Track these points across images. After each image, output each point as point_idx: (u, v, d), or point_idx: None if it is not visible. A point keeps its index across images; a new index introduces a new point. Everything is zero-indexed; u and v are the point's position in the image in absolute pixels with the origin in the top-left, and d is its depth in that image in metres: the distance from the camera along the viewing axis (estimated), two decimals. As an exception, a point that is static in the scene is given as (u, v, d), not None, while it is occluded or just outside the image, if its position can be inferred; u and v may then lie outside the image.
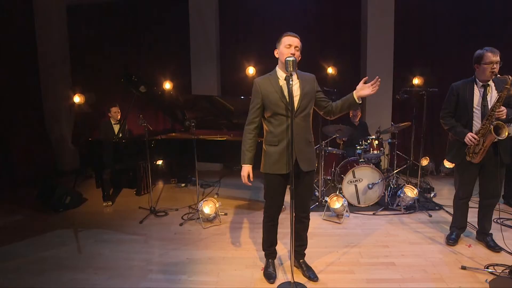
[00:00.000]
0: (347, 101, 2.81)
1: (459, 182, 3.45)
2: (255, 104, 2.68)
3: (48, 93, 6.09)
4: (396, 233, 3.80)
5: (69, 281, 2.91)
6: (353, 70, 6.62)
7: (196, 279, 2.95)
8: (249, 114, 2.73)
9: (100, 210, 4.64)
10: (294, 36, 2.62)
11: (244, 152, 2.72)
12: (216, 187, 5.51)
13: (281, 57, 2.61)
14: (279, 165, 2.69)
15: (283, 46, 2.60)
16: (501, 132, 3.02)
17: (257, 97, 2.66)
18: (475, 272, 2.94)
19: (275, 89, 2.63)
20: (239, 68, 6.36)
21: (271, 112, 2.65)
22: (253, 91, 2.69)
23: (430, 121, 5.95)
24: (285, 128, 2.64)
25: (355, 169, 4.46)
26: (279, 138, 2.66)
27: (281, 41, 2.63)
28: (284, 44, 2.59)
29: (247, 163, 2.72)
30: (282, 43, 2.61)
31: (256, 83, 2.68)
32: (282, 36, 2.64)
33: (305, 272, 2.94)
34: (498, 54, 3.09)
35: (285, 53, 2.58)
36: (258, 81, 2.69)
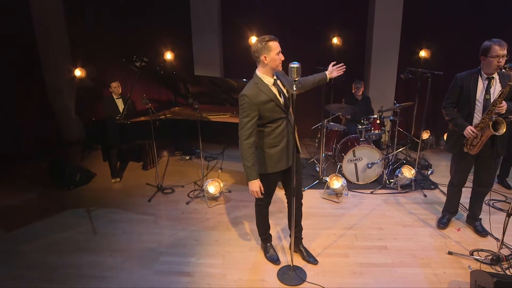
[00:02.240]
0: (318, 77, 3.15)
1: (454, 170, 3.58)
2: (251, 117, 2.57)
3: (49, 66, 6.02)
4: (391, 214, 4.02)
5: (88, 264, 3.19)
6: (360, 41, 6.44)
7: (204, 261, 3.21)
8: (244, 128, 2.59)
9: (109, 186, 4.85)
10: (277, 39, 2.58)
11: (251, 168, 2.65)
12: (220, 159, 5.69)
13: (272, 63, 2.57)
14: (282, 163, 2.81)
15: (274, 53, 2.53)
16: (500, 128, 3.08)
17: (253, 111, 2.56)
18: (460, 257, 3.20)
19: (269, 97, 2.61)
20: (241, 38, 6.19)
21: (268, 119, 2.66)
22: (245, 106, 2.55)
23: (433, 101, 5.95)
24: (283, 127, 2.72)
25: (355, 148, 4.58)
26: (279, 138, 2.74)
27: (269, 47, 2.51)
28: (275, 51, 2.54)
29: (256, 178, 2.69)
30: (273, 50, 2.52)
31: (247, 96, 2.54)
32: (266, 42, 2.51)
33: (305, 257, 3.19)
34: (505, 47, 3.04)
35: (277, 60, 2.56)
36: (249, 94, 2.55)
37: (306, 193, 4.55)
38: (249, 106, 2.55)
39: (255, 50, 2.56)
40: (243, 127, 2.60)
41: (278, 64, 2.59)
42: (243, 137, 2.61)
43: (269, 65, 2.58)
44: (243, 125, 2.60)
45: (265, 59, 2.54)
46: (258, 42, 2.54)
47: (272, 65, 2.58)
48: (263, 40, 2.52)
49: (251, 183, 2.70)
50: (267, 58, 2.54)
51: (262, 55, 2.53)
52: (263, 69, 2.62)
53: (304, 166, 5.37)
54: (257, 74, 2.65)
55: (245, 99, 2.55)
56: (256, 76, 2.65)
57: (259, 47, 2.52)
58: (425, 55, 5.85)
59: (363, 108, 5.38)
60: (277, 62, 2.57)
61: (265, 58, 2.54)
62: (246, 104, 2.55)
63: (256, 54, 2.56)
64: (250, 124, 2.58)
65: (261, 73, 2.64)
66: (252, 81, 2.65)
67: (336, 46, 6.03)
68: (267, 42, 2.51)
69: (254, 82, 2.63)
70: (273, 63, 2.56)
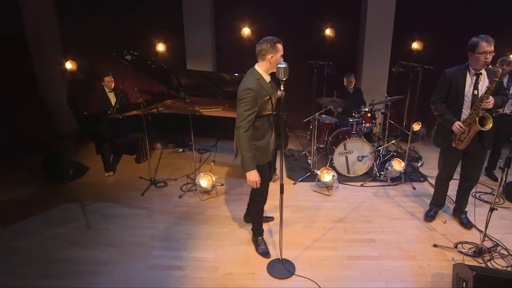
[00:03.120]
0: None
1: (442, 164, 3.66)
2: (253, 111, 2.69)
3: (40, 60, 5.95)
4: (380, 207, 4.11)
5: (83, 259, 3.24)
6: (352, 33, 6.41)
7: (196, 255, 3.28)
8: (245, 121, 2.68)
9: (103, 180, 4.89)
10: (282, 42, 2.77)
11: (250, 158, 2.76)
12: (213, 152, 5.73)
13: (275, 64, 2.70)
14: (268, 155, 3.02)
15: (279, 54, 2.72)
16: (486, 124, 3.14)
17: (255, 105, 2.69)
18: (445, 250, 3.30)
19: (268, 94, 2.78)
20: (234, 29, 6.15)
21: (262, 113, 2.80)
22: (249, 100, 2.66)
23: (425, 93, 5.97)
24: (269, 123, 2.96)
25: (346, 142, 4.64)
26: (265, 133, 2.93)
27: (277, 48, 2.70)
28: (281, 53, 2.73)
29: (254, 168, 2.80)
30: (279, 51, 2.72)
31: (253, 90, 2.65)
32: (275, 43, 2.69)
33: None
34: (492, 44, 3.07)
35: (279, 62, 2.67)
36: (254, 89, 2.65)
37: (297, 186, 4.65)
38: (253, 100, 2.67)
39: (263, 48, 2.70)
40: (244, 119, 2.70)
41: (276, 65, 2.68)
42: (244, 129, 2.71)
43: (272, 65, 2.74)
44: (245, 118, 2.69)
45: (271, 58, 2.71)
46: (267, 42, 2.69)
47: (274, 65, 2.73)
48: (272, 41, 2.69)
49: (250, 174, 2.79)
50: (273, 58, 2.71)
51: (270, 54, 2.70)
52: (265, 67, 2.77)
53: (296, 158, 5.45)
54: (258, 71, 2.78)
55: (250, 93, 2.66)
56: (256, 71, 2.78)
57: (268, 47, 2.69)
58: (417, 47, 5.86)
59: (355, 100, 5.42)
60: (277, 63, 2.68)
61: (272, 57, 2.71)
62: (250, 98, 2.66)
63: (263, 52, 2.71)
64: (251, 117, 2.71)
65: (262, 70, 2.78)
66: (253, 76, 2.76)
67: (328, 38, 6.02)
68: (276, 43, 2.70)
69: (256, 78, 2.76)
70: (275, 63, 2.72)
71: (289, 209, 4.07)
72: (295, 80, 6.14)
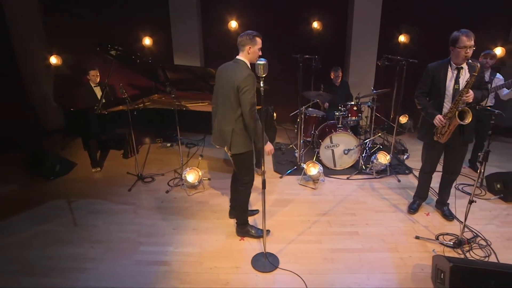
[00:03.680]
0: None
1: (425, 157, 3.72)
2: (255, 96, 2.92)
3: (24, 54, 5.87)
4: (364, 200, 4.16)
5: (69, 256, 3.25)
6: (340, 26, 6.40)
7: (182, 250, 3.32)
8: (254, 106, 2.92)
9: (90, 176, 4.88)
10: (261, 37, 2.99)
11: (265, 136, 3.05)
12: (201, 146, 5.74)
13: (253, 55, 2.96)
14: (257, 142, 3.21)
15: (257, 47, 2.95)
16: (466, 118, 3.18)
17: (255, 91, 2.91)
18: (426, 241, 3.36)
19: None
20: (221, 22, 6.11)
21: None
22: (253, 85, 2.87)
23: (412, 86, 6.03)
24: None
25: (332, 135, 4.67)
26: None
27: (256, 41, 2.93)
28: (259, 46, 2.97)
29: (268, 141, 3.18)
30: (258, 44, 2.95)
31: (252, 77, 2.85)
32: (254, 36, 2.93)
33: None
34: (472, 38, 3.11)
35: (257, 53, 2.95)
36: (252, 75, 2.85)
37: (284, 179, 4.69)
38: (254, 85, 2.88)
39: (242, 39, 2.94)
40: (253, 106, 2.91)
41: (256, 57, 2.94)
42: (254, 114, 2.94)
43: (250, 56, 2.97)
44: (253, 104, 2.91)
45: (249, 50, 2.94)
46: (247, 35, 2.94)
47: (252, 57, 2.97)
48: (252, 34, 2.93)
49: (269, 145, 3.20)
50: (251, 49, 2.94)
51: (248, 46, 2.94)
52: (246, 58, 2.99)
53: (283, 152, 5.48)
54: (246, 62, 2.98)
55: (251, 80, 2.85)
56: (245, 63, 2.97)
57: (247, 39, 2.93)
58: (404, 40, 5.87)
59: (342, 94, 5.45)
60: (256, 55, 2.96)
61: (250, 48, 2.94)
62: (252, 85, 2.86)
63: (243, 43, 2.95)
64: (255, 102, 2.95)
65: (247, 60, 2.99)
66: (246, 67, 2.96)
67: (316, 31, 6.01)
68: (254, 36, 2.93)
69: (249, 69, 2.93)
70: (253, 55, 2.96)
71: (275, 202, 4.12)
72: (282, 73, 6.19)
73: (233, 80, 2.89)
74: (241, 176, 3.27)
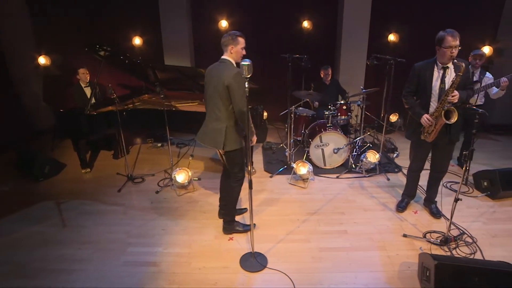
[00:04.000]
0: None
1: (413, 156, 3.75)
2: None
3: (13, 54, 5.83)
4: (354, 198, 4.19)
5: (57, 257, 3.23)
6: (330, 25, 6.42)
7: (171, 251, 3.31)
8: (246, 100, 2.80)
9: (79, 177, 4.85)
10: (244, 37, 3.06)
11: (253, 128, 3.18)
12: (192, 146, 5.73)
13: (236, 55, 3.04)
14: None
15: (239, 47, 3.02)
16: (451, 117, 3.22)
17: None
18: (414, 239, 3.40)
19: None
20: (211, 21, 6.10)
21: None
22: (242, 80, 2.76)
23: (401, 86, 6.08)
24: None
25: (322, 134, 4.69)
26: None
27: (238, 41, 3.00)
28: (241, 46, 3.03)
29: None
30: (240, 43, 3.01)
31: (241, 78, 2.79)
32: (237, 36, 3.00)
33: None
34: (457, 38, 3.14)
35: (240, 53, 3.04)
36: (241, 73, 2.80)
37: (274, 179, 4.71)
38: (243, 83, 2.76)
39: (224, 40, 3.02)
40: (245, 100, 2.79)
41: (239, 56, 3.04)
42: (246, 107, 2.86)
43: (233, 55, 3.04)
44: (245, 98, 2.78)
45: (232, 49, 3.02)
46: (229, 35, 3.01)
47: (235, 56, 3.04)
48: (234, 34, 3.01)
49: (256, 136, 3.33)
50: (233, 49, 3.01)
51: (230, 46, 3.01)
52: (230, 57, 3.05)
53: (274, 151, 5.49)
54: (231, 61, 3.05)
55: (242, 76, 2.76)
56: (231, 62, 3.04)
57: (229, 39, 3.00)
58: (394, 39, 5.90)
59: (332, 92, 5.47)
60: (239, 54, 3.04)
61: (232, 48, 3.01)
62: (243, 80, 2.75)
63: (226, 43, 3.02)
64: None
65: (232, 60, 3.05)
66: (233, 65, 3.03)
67: (306, 30, 6.02)
68: (237, 36, 3.00)
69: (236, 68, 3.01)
70: (236, 54, 3.04)
71: (264, 201, 4.14)
72: (273, 72, 6.20)
73: (222, 80, 2.95)
74: (235, 173, 3.31)
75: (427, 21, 5.92)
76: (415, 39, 5.97)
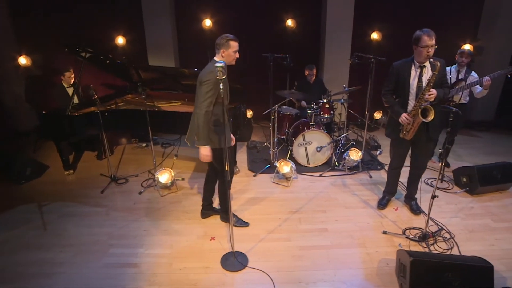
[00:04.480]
0: None
1: (393, 154, 3.80)
2: (214, 93, 2.98)
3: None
4: (336, 196, 4.23)
5: (38, 261, 3.21)
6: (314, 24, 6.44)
7: (152, 252, 3.32)
8: (207, 100, 2.99)
9: (62, 179, 4.81)
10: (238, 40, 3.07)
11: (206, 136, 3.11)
12: (176, 146, 5.72)
13: (228, 58, 3.06)
14: (229, 140, 3.29)
15: (231, 50, 3.04)
16: (428, 115, 3.27)
17: (217, 89, 2.92)
18: (393, 236, 3.45)
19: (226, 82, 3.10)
20: (195, 21, 6.07)
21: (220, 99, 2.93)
22: (214, 82, 2.92)
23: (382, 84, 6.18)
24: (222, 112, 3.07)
25: (305, 133, 4.72)
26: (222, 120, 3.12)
27: (230, 45, 3.01)
28: (233, 49, 3.04)
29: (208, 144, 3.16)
30: (231, 47, 3.03)
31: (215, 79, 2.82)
32: (229, 40, 3.00)
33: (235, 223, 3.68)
34: (433, 38, 3.18)
35: (232, 56, 3.06)
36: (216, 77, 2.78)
37: (257, 178, 4.73)
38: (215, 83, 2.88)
39: (218, 43, 3.04)
40: (206, 100, 3.00)
41: (232, 60, 3.10)
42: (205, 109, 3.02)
43: (225, 58, 3.05)
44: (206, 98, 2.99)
45: (223, 53, 3.04)
46: (222, 38, 3.02)
47: (226, 59, 3.05)
48: (227, 38, 3.02)
49: (205, 148, 3.16)
50: (224, 53, 3.04)
51: (222, 49, 3.03)
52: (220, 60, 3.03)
53: (258, 150, 5.51)
54: None
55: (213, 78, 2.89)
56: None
57: (222, 42, 3.02)
58: (377, 37, 5.95)
59: (316, 91, 5.49)
60: (231, 58, 3.08)
61: (223, 52, 3.03)
62: (213, 81, 2.92)
63: (218, 47, 3.05)
64: (212, 99, 3.02)
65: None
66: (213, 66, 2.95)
67: (290, 29, 6.03)
68: (229, 40, 3.02)
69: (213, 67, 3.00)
70: (228, 58, 3.06)
71: (247, 201, 4.15)
72: (258, 71, 6.19)
73: (200, 79, 3.05)
74: (221, 170, 3.35)
75: (410, 20, 5.97)
76: (398, 38, 6.00)
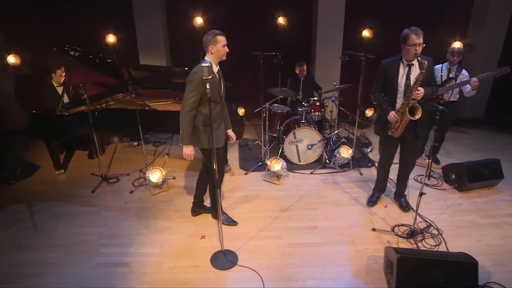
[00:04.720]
0: None
1: (381, 151, 3.84)
2: (199, 92, 2.96)
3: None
4: (326, 194, 4.26)
5: (27, 261, 3.21)
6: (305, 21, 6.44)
7: (142, 251, 3.33)
8: (190, 101, 2.98)
9: (53, 179, 4.78)
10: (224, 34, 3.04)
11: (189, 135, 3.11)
12: (168, 144, 5.72)
13: (218, 54, 3.03)
14: (222, 139, 3.34)
15: (220, 45, 3.00)
16: (416, 113, 3.30)
17: (201, 89, 2.93)
18: (382, 233, 3.49)
19: (216, 81, 3.09)
20: (186, 19, 6.04)
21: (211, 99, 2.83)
22: (198, 81, 2.90)
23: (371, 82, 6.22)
24: (217, 111, 3.18)
25: (295, 131, 4.74)
26: (219, 119, 3.22)
27: (217, 40, 2.97)
28: (221, 44, 3.00)
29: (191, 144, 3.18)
30: (219, 42, 2.98)
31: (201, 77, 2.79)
32: (216, 35, 2.97)
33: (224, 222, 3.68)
34: (421, 36, 3.20)
35: (222, 51, 3.03)
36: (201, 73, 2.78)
37: (248, 176, 4.76)
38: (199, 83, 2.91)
39: (205, 40, 3.01)
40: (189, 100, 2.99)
41: (222, 55, 3.06)
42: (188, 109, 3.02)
43: (215, 55, 3.03)
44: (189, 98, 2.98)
45: (212, 49, 3.01)
46: (208, 34, 2.99)
47: (217, 55, 3.04)
48: (213, 34, 2.98)
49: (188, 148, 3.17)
50: (213, 49, 3.00)
51: (210, 46, 3.00)
52: (211, 58, 3.03)
53: (250, 148, 5.52)
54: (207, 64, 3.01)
55: (197, 77, 2.91)
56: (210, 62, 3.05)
57: (209, 39, 2.98)
58: (368, 35, 5.97)
59: (307, 88, 5.51)
60: (221, 53, 3.04)
61: (212, 48, 3.00)
62: (197, 81, 2.93)
63: (206, 44, 3.02)
64: (195, 99, 3.00)
65: (211, 60, 2.99)
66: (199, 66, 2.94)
67: (281, 26, 6.03)
68: (216, 35, 2.98)
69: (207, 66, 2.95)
70: (218, 53, 3.03)
71: (238, 199, 4.17)
72: (250, 69, 6.18)
73: (187, 77, 3.02)
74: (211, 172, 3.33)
75: (401, 17, 5.97)
76: (388, 35, 6.02)
